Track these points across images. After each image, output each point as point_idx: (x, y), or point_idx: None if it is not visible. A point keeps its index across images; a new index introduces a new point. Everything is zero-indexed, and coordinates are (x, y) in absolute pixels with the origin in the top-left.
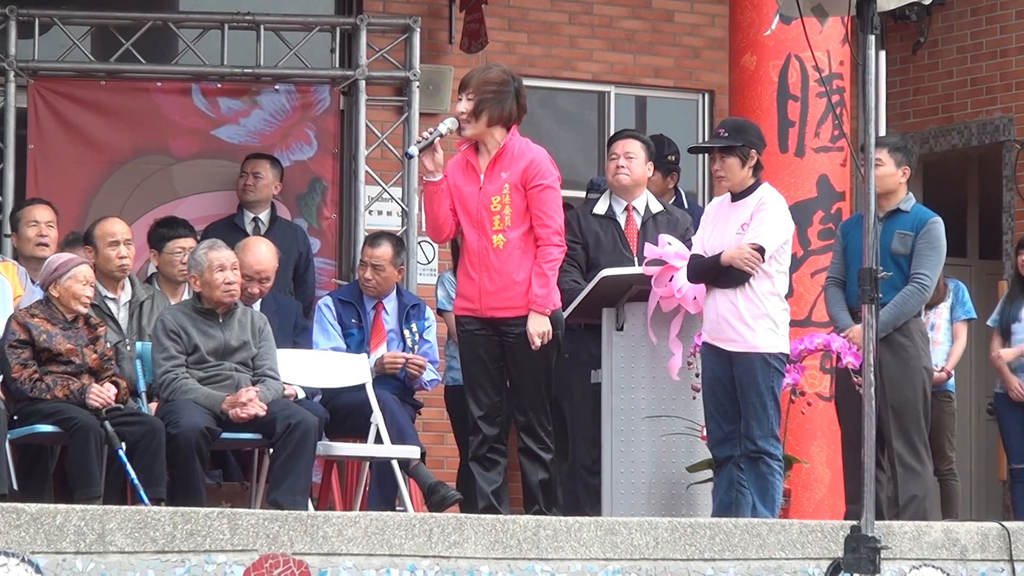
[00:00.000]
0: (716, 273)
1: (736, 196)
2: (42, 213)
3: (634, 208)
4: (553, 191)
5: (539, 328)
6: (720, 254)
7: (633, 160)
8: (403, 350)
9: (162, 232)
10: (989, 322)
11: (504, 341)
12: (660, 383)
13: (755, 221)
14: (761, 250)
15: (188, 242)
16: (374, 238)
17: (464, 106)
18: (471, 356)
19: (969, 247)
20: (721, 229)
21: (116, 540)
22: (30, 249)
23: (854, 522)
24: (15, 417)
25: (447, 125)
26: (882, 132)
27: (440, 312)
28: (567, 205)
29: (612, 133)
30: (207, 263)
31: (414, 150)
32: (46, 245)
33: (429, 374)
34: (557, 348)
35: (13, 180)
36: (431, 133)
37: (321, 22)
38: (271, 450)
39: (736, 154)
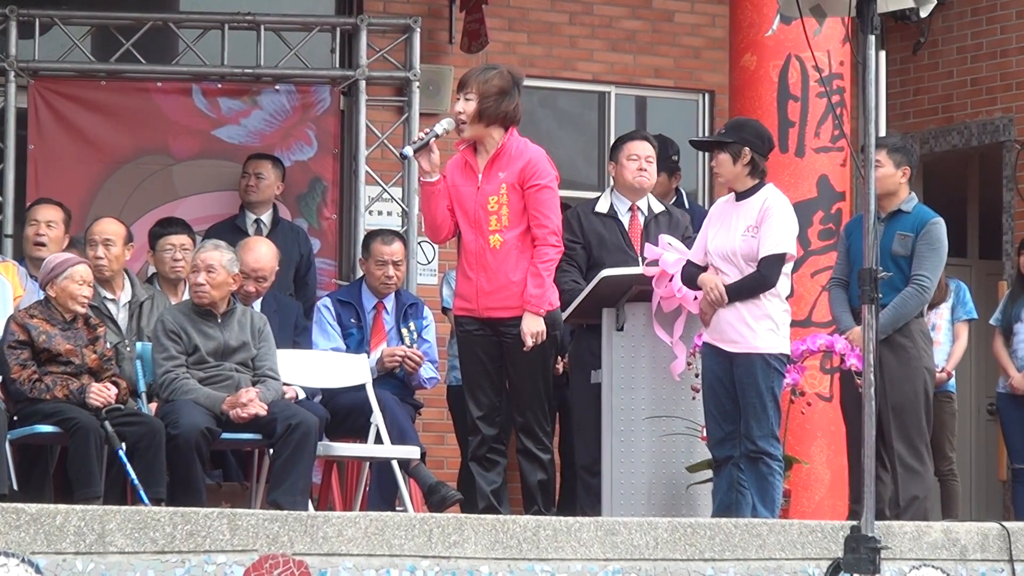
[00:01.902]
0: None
1: (740, 196)
2: (44, 213)
3: (638, 208)
4: (550, 191)
5: (533, 328)
6: (704, 267)
7: (652, 164)
8: None
9: (155, 231)
10: (992, 321)
11: (502, 341)
12: (660, 383)
13: (765, 228)
14: (777, 258)
15: (178, 239)
16: (384, 237)
17: (462, 105)
18: (470, 356)
19: (969, 247)
20: (726, 230)
21: (116, 540)
22: (28, 248)
23: (854, 522)
24: (15, 417)
25: (443, 126)
26: (882, 132)
27: (445, 311)
28: (567, 205)
29: (613, 133)
30: (192, 264)
31: (409, 150)
32: (43, 245)
33: (428, 371)
34: (555, 349)
35: (13, 180)
36: (427, 133)
37: (321, 22)
38: (271, 450)
39: (727, 151)
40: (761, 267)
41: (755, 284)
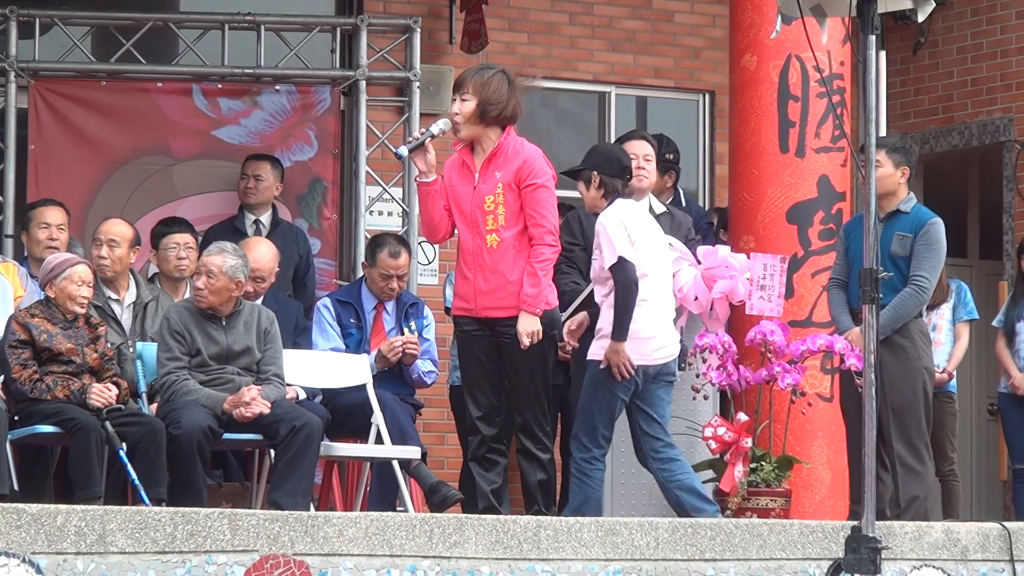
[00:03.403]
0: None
1: None
2: (54, 215)
3: None
4: (547, 190)
5: (529, 328)
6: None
7: (650, 163)
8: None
9: (159, 230)
10: (994, 322)
11: (500, 341)
12: None
13: (601, 246)
14: (617, 264)
15: (182, 237)
16: (391, 248)
17: (459, 106)
18: (469, 357)
19: (969, 247)
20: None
21: (117, 541)
22: (39, 251)
23: (855, 522)
24: (16, 417)
25: (439, 126)
26: (882, 132)
27: (447, 311)
28: (569, 206)
29: (613, 133)
30: (196, 266)
31: (404, 150)
32: (56, 249)
33: (427, 365)
34: (554, 348)
35: (14, 180)
36: (423, 133)
37: (321, 22)
38: (272, 451)
39: (581, 178)
40: (615, 278)
41: (621, 300)
